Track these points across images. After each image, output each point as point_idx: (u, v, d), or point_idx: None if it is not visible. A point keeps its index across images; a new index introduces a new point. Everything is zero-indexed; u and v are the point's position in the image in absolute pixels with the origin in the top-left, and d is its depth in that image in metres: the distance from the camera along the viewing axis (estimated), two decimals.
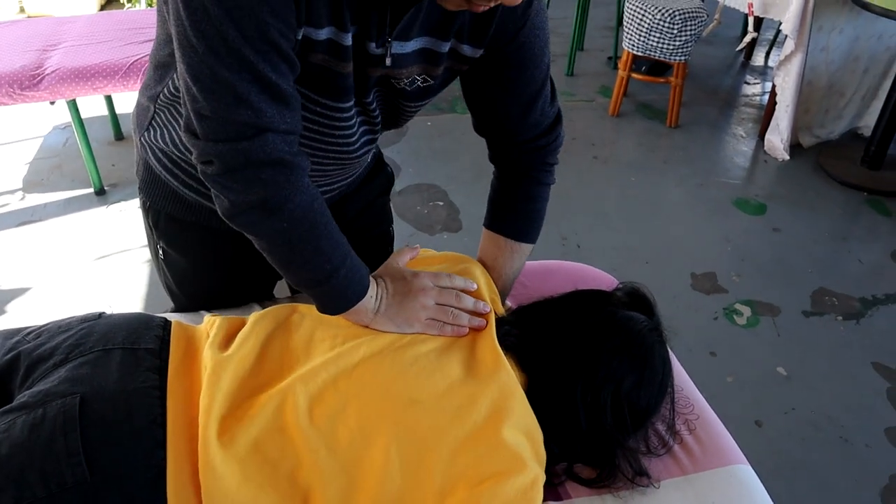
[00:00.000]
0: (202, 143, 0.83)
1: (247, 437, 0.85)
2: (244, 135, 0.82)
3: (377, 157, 1.32)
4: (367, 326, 0.99)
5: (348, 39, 0.86)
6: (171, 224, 1.18)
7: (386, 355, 0.93)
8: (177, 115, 1.00)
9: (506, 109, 1.08)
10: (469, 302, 1.03)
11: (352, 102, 0.96)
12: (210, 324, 1.01)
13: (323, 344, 0.95)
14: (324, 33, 0.84)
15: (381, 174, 1.33)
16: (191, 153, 0.87)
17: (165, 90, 0.98)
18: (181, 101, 0.85)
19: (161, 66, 0.98)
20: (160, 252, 1.23)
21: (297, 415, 0.86)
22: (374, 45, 0.89)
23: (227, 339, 0.97)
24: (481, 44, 0.97)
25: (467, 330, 1.01)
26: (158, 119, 1.05)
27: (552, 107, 1.12)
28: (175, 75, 0.94)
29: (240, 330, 0.99)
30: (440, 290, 1.03)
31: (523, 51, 1.00)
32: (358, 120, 1.01)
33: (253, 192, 0.86)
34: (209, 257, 1.21)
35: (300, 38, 0.83)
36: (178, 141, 1.03)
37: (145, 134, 1.09)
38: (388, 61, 0.91)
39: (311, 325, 0.99)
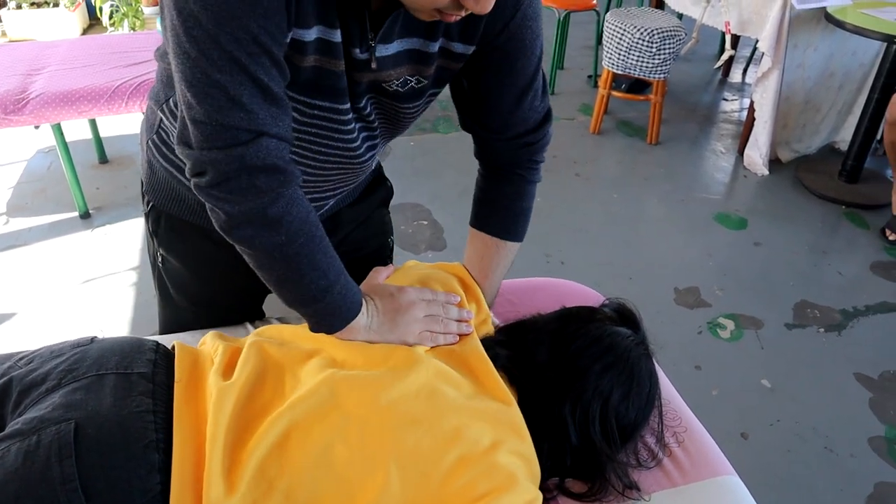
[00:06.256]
0: (196, 153, 0.84)
1: (249, 463, 0.85)
2: (239, 139, 0.83)
3: (377, 171, 1.34)
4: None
5: (337, 36, 0.87)
6: (171, 231, 1.20)
7: (385, 375, 0.94)
8: None
9: (495, 103, 1.07)
10: (454, 312, 1.07)
11: (348, 105, 0.97)
12: (214, 349, 1.02)
13: (319, 363, 0.95)
14: (313, 33, 0.86)
15: (380, 187, 1.34)
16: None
17: (172, 99, 1.00)
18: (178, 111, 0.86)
19: (169, 75, 0.98)
20: (159, 258, 1.24)
21: (298, 434, 0.87)
22: (357, 50, 0.91)
23: (230, 366, 0.98)
24: (472, 40, 0.97)
25: (458, 338, 1.04)
26: (165, 124, 1.07)
27: (542, 103, 1.10)
28: None
29: (240, 355, 0.99)
30: (427, 302, 1.05)
31: (513, 42, 1.00)
32: (357, 126, 1.02)
33: (249, 200, 0.86)
34: (206, 264, 1.21)
35: (289, 40, 0.84)
36: None
37: (154, 136, 1.11)
38: (373, 65, 0.93)
39: (306, 346, 1.00)
